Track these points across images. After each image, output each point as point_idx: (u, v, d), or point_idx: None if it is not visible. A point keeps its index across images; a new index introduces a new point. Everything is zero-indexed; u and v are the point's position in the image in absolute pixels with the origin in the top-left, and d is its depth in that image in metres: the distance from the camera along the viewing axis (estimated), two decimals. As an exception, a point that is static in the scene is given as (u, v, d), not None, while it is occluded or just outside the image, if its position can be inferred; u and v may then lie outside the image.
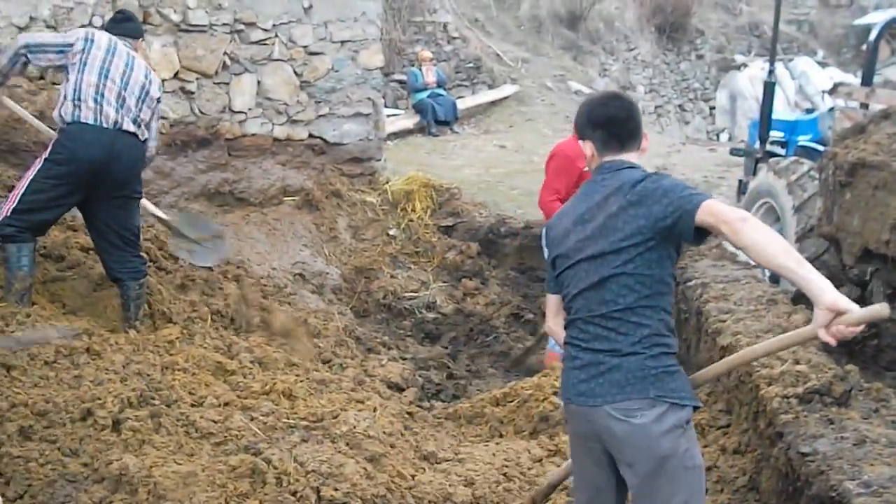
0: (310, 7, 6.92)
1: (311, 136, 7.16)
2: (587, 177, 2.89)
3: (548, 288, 2.96)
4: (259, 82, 6.79)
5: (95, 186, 4.44)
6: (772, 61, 8.22)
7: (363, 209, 7.28)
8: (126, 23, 4.85)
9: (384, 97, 8.88)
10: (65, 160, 4.37)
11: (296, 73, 6.97)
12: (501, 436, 4.52)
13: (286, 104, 6.95)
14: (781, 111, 9.91)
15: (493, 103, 14.22)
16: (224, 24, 6.50)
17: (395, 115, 12.58)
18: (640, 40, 17.88)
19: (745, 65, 17.82)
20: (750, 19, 19.65)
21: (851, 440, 3.00)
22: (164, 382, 3.84)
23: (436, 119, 12.68)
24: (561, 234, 2.72)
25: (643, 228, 2.48)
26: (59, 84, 4.66)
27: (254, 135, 6.83)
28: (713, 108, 18.23)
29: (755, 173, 7.66)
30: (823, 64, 17.73)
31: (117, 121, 4.47)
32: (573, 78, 15.88)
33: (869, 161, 4.83)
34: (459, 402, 5.18)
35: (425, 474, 3.78)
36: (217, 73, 6.54)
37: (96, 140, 4.40)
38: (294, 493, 3.24)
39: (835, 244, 5.36)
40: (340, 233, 7.04)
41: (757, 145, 8.05)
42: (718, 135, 17.63)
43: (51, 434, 3.28)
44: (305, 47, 6.96)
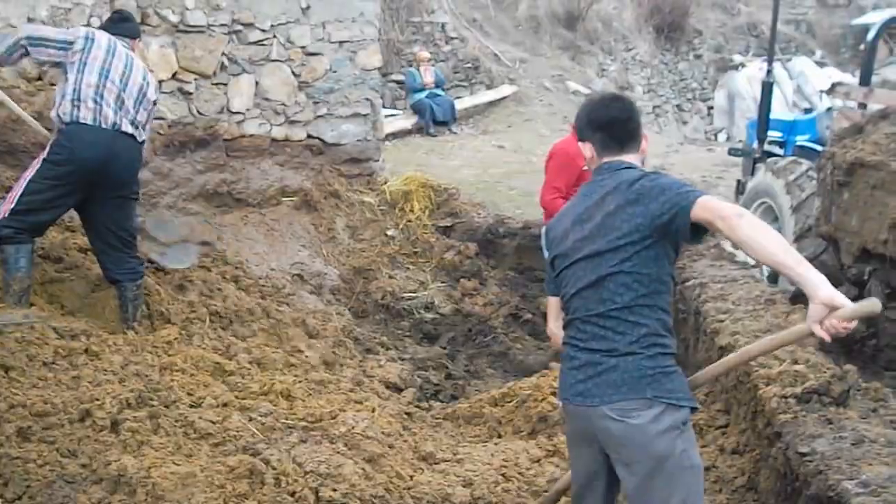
0: (308, 7, 6.91)
1: (310, 137, 7.15)
2: (587, 175, 2.90)
3: (547, 290, 2.96)
4: (257, 83, 6.78)
5: (93, 187, 4.43)
6: (770, 61, 8.22)
7: (361, 210, 7.27)
8: (123, 23, 4.84)
9: (382, 98, 8.87)
10: (63, 160, 4.36)
11: (294, 74, 6.96)
12: (500, 436, 4.51)
13: (284, 105, 6.95)
14: (779, 111, 9.91)
15: (492, 104, 14.22)
16: (222, 25, 6.49)
17: (394, 116, 12.59)
18: (639, 40, 17.88)
19: (744, 65, 17.79)
20: (748, 19, 19.64)
21: (850, 440, 3.01)
22: (163, 383, 3.84)
23: (434, 119, 12.68)
24: (560, 235, 2.73)
25: (641, 227, 2.49)
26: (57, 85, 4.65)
27: (252, 135, 6.82)
28: (711, 108, 18.20)
29: (753, 173, 7.66)
30: (821, 64, 17.72)
31: (116, 122, 4.47)
32: (571, 78, 15.88)
33: (867, 161, 4.84)
34: (458, 403, 5.18)
35: (424, 475, 3.78)
36: (215, 74, 6.53)
37: (95, 140, 4.40)
38: (292, 494, 3.24)
39: (833, 244, 5.36)
40: (339, 233, 7.02)
41: (755, 145, 8.05)
42: (716, 135, 17.62)
43: (49, 435, 3.28)
44: (303, 48, 6.96)
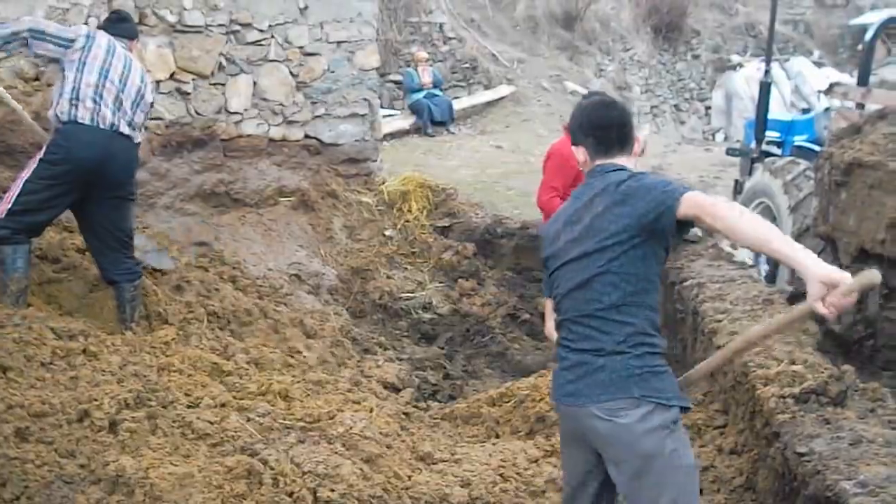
0: (305, 8, 6.91)
1: (307, 137, 7.14)
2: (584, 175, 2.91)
3: (545, 292, 2.97)
4: (255, 83, 6.78)
5: (90, 187, 4.42)
6: (768, 61, 8.23)
7: (359, 210, 7.27)
8: (121, 23, 4.84)
9: (380, 98, 8.88)
10: (60, 160, 4.35)
11: (292, 74, 6.96)
12: (498, 436, 4.51)
13: (282, 105, 6.94)
14: (777, 111, 9.93)
15: (490, 104, 14.22)
16: (220, 25, 6.49)
17: (392, 116, 12.58)
18: (636, 40, 17.88)
19: (741, 65, 17.80)
20: (746, 19, 19.65)
21: (848, 440, 3.01)
22: (161, 384, 3.83)
23: (432, 120, 12.69)
24: (552, 236, 2.77)
25: (629, 227, 2.51)
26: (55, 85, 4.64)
27: (249, 135, 6.81)
28: (709, 109, 18.22)
29: (751, 173, 7.66)
30: (819, 64, 17.72)
31: (113, 123, 4.46)
32: (569, 78, 15.88)
33: (865, 161, 4.84)
34: (456, 403, 5.18)
35: (422, 475, 3.78)
36: (213, 74, 6.53)
37: (92, 140, 4.39)
38: (290, 494, 3.24)
39: (831, 244, 5.36)
40: (336, 233, 7.02)
41: (753, 145, 8.05)
42: (714, 135, 17.63)
43: (47, 435, 3.27)
44: (301, 48, 6.95)
